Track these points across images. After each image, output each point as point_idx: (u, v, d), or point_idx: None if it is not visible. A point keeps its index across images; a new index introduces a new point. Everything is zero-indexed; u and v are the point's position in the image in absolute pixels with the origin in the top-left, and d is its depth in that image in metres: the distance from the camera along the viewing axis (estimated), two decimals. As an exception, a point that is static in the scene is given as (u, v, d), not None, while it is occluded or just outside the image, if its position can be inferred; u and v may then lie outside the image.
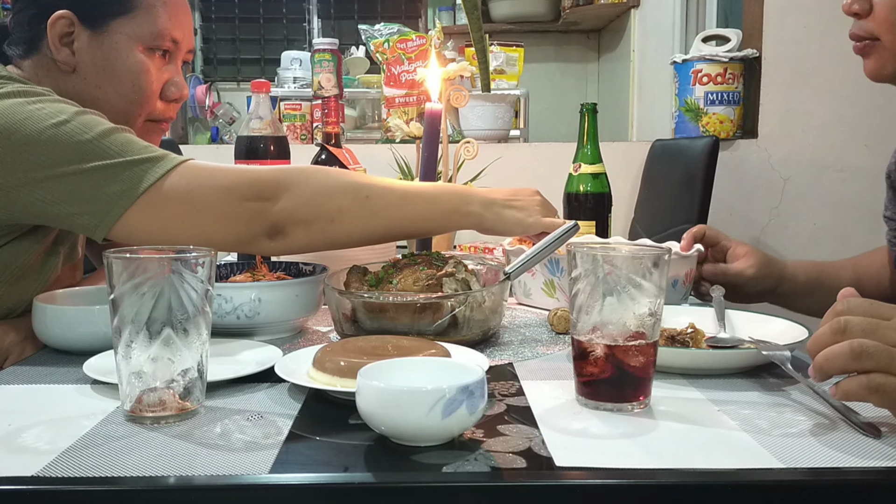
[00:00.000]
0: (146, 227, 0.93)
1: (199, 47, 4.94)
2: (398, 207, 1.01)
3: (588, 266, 0.75)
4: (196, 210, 0.94)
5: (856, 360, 0.66)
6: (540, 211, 1.08)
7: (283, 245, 0.98)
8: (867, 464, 0.63)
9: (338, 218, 0.98)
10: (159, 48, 1.11)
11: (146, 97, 1.12)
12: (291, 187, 0.97)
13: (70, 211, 0.92)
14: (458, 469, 0.62)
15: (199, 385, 0.73)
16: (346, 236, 1.01)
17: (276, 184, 0.97)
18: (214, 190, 0.95)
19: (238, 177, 0.96)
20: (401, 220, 1.02)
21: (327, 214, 0.98)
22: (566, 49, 4.57)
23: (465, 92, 1.71)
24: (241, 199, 0.95)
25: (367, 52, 2.91)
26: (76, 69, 1.08)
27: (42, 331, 0.96)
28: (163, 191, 0.92)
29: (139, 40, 1.09)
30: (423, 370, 0.73)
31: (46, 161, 0.91)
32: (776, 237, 2.57)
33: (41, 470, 0.61)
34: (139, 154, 0.93)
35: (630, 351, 0.74)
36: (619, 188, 1.82)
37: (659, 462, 0.63)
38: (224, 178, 0.96)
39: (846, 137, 2.51)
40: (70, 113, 0.94)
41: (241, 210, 0.95)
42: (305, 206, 0.97)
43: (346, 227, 0.99)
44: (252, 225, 0.96)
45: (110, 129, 0.94)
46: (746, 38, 2.59)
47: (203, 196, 0.94)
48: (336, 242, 1.01)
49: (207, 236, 0.94)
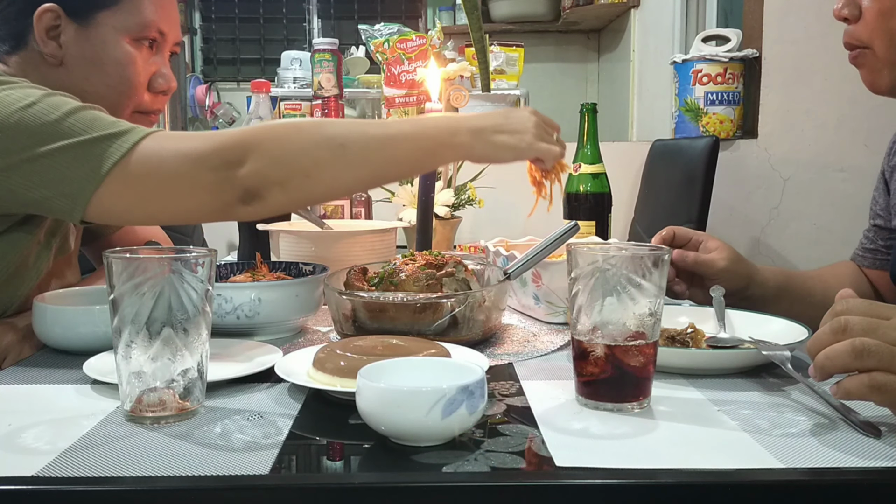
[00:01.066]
0: (120, 206, 0.92)
1: (200, 47, 4.94)
2: (378, 152, 0.96)
3: (588, 266, 0.75)
4: (165, 183, 0.91)
5: (857, 359, 0.66)
6: (535, 133, 1.01)
7: (261, 209, 0.93)
8: (867, 464, 0.63)
9: (314, 172, 0.93)
10: (146, 39, 1.11)
11: (134, 89, 1.11)
12: (258, 147, 0.91)
13: (46, 195, 0.90)
14: (458, 469, 0.62)
15: (199, 385, 0.73)
16: (326, 189, 0.96)
17: (242, 146, 0.91)
18: (180, 160, 0.90)
19: (202, 144, 0.92)
20: (383, 165, 0.97)
21: (302, 170, 0.92)
22: (566, 49, 4.57)
23: (465, 92, 1.71)
24: (207, 167, 0.90)
25: (367, 52, 2.91)
26: (63, 62, 1.08)
27: (42, 331, 0.96)
28: (130, 167, 0.89)
29: (126, 32, 1.09)
30: (423, 370, 0.73)
31: (17, 145, 0.90)
32: (776, 237, 2.57)
33: (41, 470, 0.61)
34: (105, 130, 0.91)
35: (630, 351, 0.74)
36: (619, 188, 1.82)
37: (659, 462, 0.63)
38: (189, 146, 0.91)
39: (846, 137, 2.51)
40: (37, 96, 0.93)
41: (210, 179, 0.90)
42: (277, 165, 0.92)
43: (324, 180, 0.94)
44: (223, 193, 0.91)
45: (77, 107, 0.93)
46: (746, 38, 2.59)
47: (170, 168, 0.90)
48: (317, 197, 0.97)
49: (181, 209, 0.93)
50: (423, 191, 1.19)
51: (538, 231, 1.34)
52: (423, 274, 1.01)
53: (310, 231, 1.34)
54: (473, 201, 1.70)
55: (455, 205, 1.65)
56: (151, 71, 1.14)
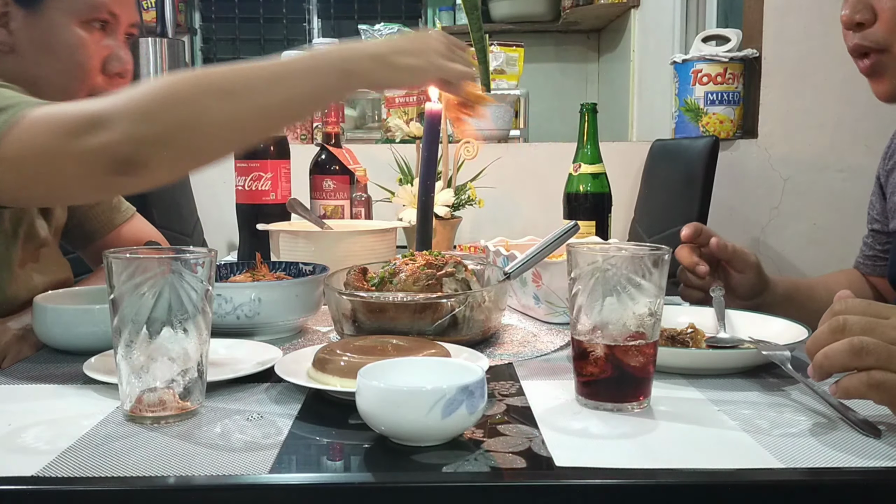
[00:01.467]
0: (4, 189, 0.88)
1: (200, 47, 4.94)
2: (269, 91, 0.86)
3: (588, 266, 0.75)
4: (37, 162, 0.84)
5: (856, 358, 0.66)
6: (440, 52, 0.95)
7: (145, 178, 0.84)
8: (867, 464, 0.63)
9: (197, 124, 0.83)
10: (97, 21, 1.10)
11: (86, 72, 1.10)
12: (124, 107, 0.81)
13: None
14: (458, 469, 0.62)
15: (199, 385, 0.73)
16: (216, 141, 0.86)
17: (103, 108, 0.81)
18: (47, 134, 0.83)
19: (64, 112, 0.83)
20: (278, 105, 0.88)
21: (180, 123, 0.82)
22: (566, 49, 4.57)
23: (465, 92, 1.71)
24: (70, 136, 0.81)
25: (367, 52, 2.91)
26: (14, 49, 1.07)
27: (42, 331, 0.96)
28: (8, 143, 0.83)
29: (75, 14, 1.08)
30: (423, 370, 0.73)
31: None
32: (776, 237, 2.57)
33: (41, 470, 0.61)
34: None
35: (630, 351, 0.74)
36: (619, 188, 1.82)
37: (659, 462, 0.63)
38: (53, 118, 0.83)
39: (846, 137, 2.51)
40: None
41: (75, 150, 0.81)
42: (147, 122, 0.81)
43: (212, 130, 0.84)
44: (93, 164, 0.81)
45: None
46: (746, 38, 2.59)
47: (39, 144, 0.83)
48: (210, 151, 0.87)
49: (58, 189, 0.88)
50: (423, 191, 1.19)
51: (538, 231, 1.34)
52: (423, 274, 1.01)
53: (310, 231, 1.34)
54: (473, 201, 1.71)
55: (455, 205, 1.66)
56: (104, 54, 1.12)
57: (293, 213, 1.40)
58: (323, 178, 1.65)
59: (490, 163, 2.02)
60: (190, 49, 4.73)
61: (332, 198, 1.65)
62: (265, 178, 1.41)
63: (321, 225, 1.37)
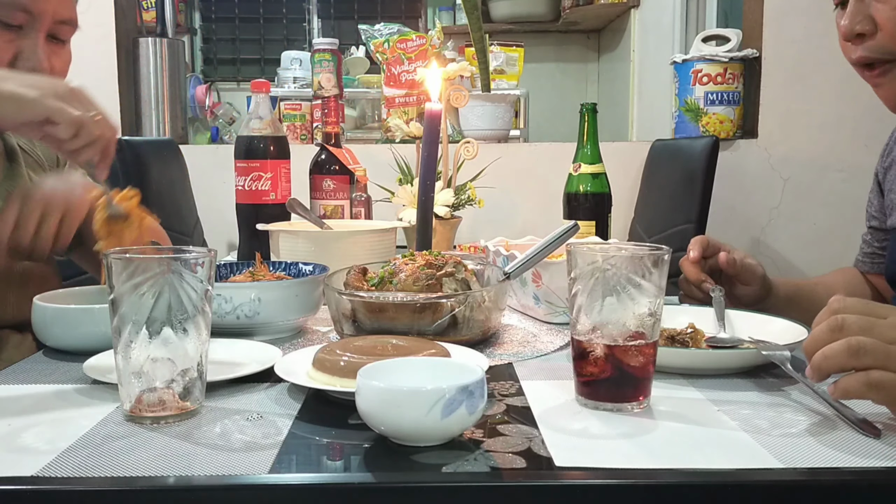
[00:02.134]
0: None
1: (200, 47, 4.94)
2: None
3: (588, 266, 0.75)
4: None
5: (854, 358, 0.66)
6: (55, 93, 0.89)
7: None
8: (867, 464, 0.63)
9: None
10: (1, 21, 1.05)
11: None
12: None
13: None
14: (457, 469, 0.62)
15: (198, 385, 0.73)
16: None
17: None
18: None
19: None
20: None
21: None
22: (566, 49, 4.57)
23: (465, 92, 1.71)
24: None
25: (367, 52, 2.91)
26: None
27: (42, 331, 0.96)
28: None
29: None
30: (423, 370, 0.73)
31: None
32: (776, 237, 2.57)
33: (40, 470, 0.61)
34: None
35: (630, 351, 0.74)
36: (619, 188, 1.82)
37: (659, 462, 0.63)
38: None
39: (846, 137, 2.51)
40: None
41: None
42: None
43: None
44: None
45: None
46: (746, 38, 2.59)
47: None
48: None
49: None
50: (423, 191, 1.19)
51: (538, 231, 1.34)
52: (423, 274, 1.01)
53: (310, 231, 1.34)
54: (473, 201, 1.70)
55: (455, 205, 1.65)
56: (10, 54, 1.07)
57: (293, 213, 1.40)
58: (323, 178, 1.65)
59: (490, 163, 2.02)
60: (190, 49, 4.73)
61: (331, 198, 1.65)
62: (265, 178, 1.41)
63: (321, 225, 1.37)
